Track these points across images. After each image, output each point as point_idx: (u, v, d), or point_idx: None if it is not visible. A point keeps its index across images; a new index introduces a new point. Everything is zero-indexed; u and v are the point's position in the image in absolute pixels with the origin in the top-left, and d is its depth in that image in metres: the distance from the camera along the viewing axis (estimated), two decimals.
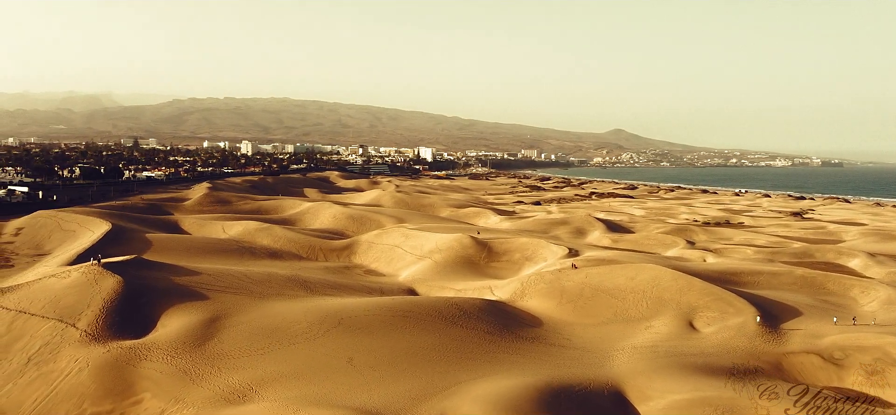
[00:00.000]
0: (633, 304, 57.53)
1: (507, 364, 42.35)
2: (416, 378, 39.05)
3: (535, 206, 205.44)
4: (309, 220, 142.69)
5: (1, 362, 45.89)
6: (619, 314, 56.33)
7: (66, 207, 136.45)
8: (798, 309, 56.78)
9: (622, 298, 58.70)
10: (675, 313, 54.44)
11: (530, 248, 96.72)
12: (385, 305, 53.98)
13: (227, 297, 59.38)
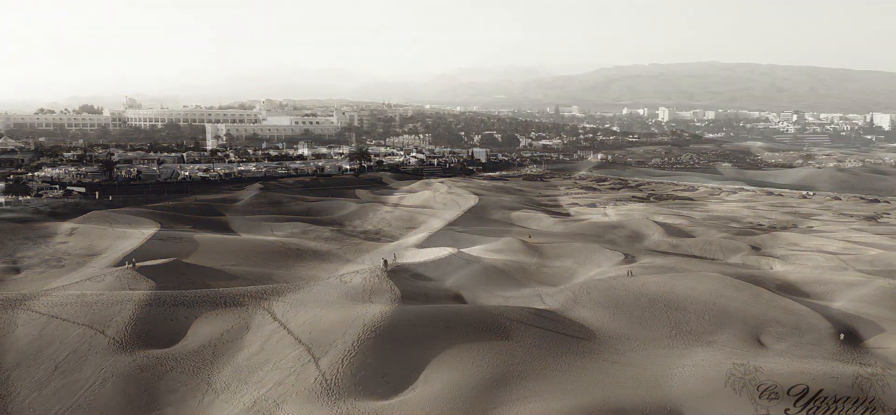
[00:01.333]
0: (694, 316, 48.56)
1: (557, 382, 35.73)
2: (458, 398, 33.50)
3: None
4: (712, 203, 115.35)
5: (30, 368, 39.68)
6: (678, 328, 46.84)
7: (455, 176, 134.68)
8: (880, 325, 46.46)
9: (682, 310, 49.45)
10: (741, 327, 46.98)
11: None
12: (426, 315, 43.01)
13: (541, 335, 40.93)
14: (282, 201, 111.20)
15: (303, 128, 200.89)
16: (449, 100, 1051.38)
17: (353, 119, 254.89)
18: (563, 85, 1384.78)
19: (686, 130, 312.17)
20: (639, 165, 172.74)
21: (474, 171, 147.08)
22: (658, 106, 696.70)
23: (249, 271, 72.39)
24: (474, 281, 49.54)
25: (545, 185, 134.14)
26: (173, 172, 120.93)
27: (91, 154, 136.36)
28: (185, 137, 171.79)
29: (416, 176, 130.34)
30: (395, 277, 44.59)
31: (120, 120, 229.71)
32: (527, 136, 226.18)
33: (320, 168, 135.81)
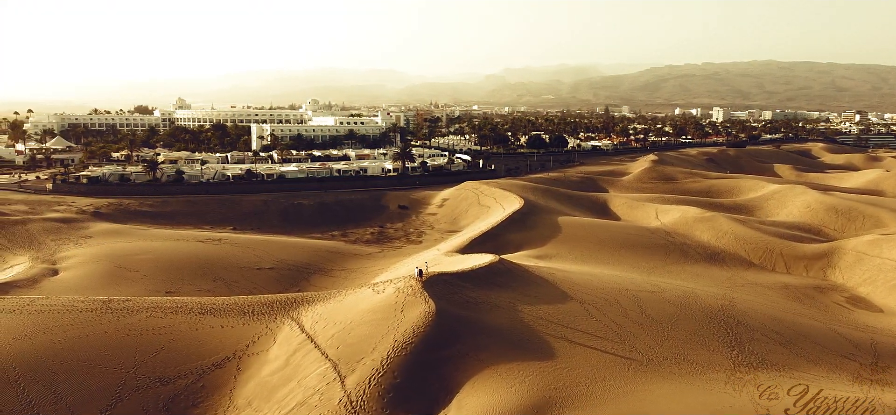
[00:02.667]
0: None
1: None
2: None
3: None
4: (771, 209, 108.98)
5: (269, 400, 35.21)
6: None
7: (499, 178, 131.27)
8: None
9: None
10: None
11: None
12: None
13: (588, 356, 37.17)
14: (328, 203, 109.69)
15: (347, 128, 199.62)
16: (497, 100, 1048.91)
17: (398, 119, 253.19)
18: (614, 85, 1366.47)
19: (742, 131, 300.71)
20: (692, 166, 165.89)
21: (519, 172, 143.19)
22: (712, 106, 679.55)
23: (287, 272, 70.87)
24: (516, 292, 46.17)
25: (595, 186, 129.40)
26: (216, 173, 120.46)
27: (137, 154, 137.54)
28: (230, 137, 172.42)
29: (459, 178, 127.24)
30: (430, 287, 41.52)
31: (169, 120, 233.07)
32: (575, 136, 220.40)
33: (363, 169, 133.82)
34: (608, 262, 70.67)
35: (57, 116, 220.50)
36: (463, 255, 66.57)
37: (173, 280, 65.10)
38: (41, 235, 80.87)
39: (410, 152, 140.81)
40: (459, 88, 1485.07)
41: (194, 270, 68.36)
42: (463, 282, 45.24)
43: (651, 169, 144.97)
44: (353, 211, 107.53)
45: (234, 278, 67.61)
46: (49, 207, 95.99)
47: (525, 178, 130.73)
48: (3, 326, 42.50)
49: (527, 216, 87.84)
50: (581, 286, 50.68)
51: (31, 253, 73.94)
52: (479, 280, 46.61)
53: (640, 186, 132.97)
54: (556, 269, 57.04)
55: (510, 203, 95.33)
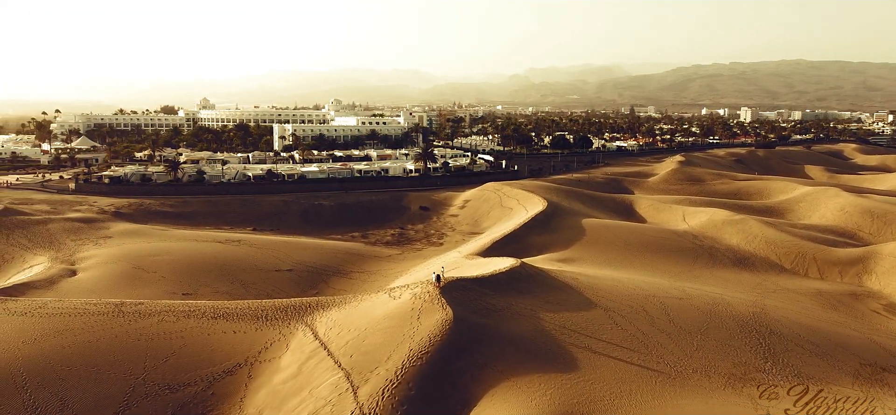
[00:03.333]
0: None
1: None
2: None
3: None
4: (803, 211, 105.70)
5: (280, 410, 33.94)
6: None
7: (522, 179, 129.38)
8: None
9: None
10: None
11: None
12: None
13: (612, 368, 35.39)
14: (349, 204, 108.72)
15: (369, 128, 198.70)
16: (521, 100, 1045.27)
17: (421, 119, 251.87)
18: (639, 85, 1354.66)
19: (771, 131, 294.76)
20: (720, 167, 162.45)
21: (543, 173, 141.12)
22: (740, 106, 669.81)
23: (303, 274, 69.80)
24: (538, 298, 44.44)
25: (620, 188, 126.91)
26: (237, 173, 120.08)
27: (159, 154, 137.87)
28: (253, 137, 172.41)
29: (482, 178, 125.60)
30: (448, 294, 39.97)
31: (193, 120, 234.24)
32: (600, 137, 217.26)
33: (385, 169, 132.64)
34: (634, 266, 68.63)
35: (83, 116, 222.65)
36: (484, 258, 65.02)
37: (191, 282, 64.37)
38: (61, 235, 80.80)
39: (432, 153, 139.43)
40: (483, 89, 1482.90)
41: (212, 272, 67.60)
42: (482, 288, 43.62)
43: (678, 170, 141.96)
44: (373, 212, 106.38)
45: (251, 280, 66.71)
46: (71, 207, 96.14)
47: (549, 179, 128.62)
48: (14, 329, 41.81)
49: (550, 218, 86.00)
50: (606, 292, 48.79)
51: (50, 253, 73.78)
52: (499, 286, 44.97)
53: (667, 188, 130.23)
54: (580, 273, 55.17)
55: (533, 205, 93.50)
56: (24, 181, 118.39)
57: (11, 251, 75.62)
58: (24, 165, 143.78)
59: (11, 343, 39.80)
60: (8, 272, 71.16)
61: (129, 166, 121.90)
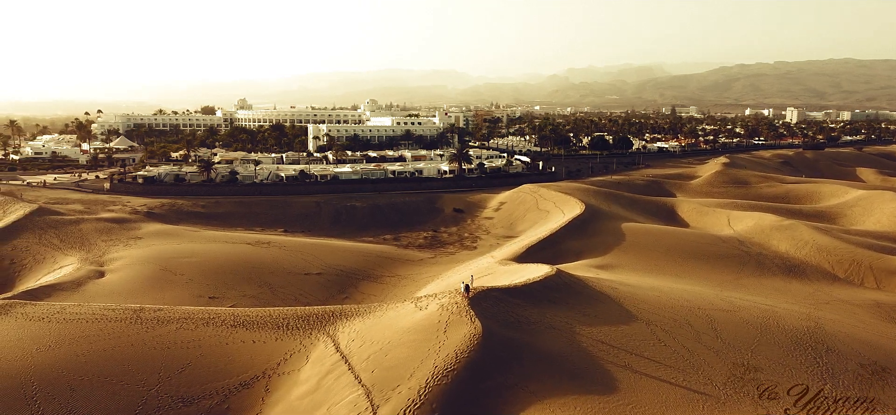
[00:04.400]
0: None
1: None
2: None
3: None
4: (857, 216, 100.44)
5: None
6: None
7: (560, 180, 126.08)
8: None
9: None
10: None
11: None
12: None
13: (655, 390, 32.49)
14: (381, 206, 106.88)
15: (404, 128, 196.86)
16: (560, 101, 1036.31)
17: (458, 119, 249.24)
18: (680, 85, 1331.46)
19: (819, 132, 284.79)
20: (766, 169, 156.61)
21: (581, 174, 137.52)
22: (785, 106, 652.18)
23: (332, 277, 67.98)
24: (575, 310, 41.60)
25: (661, 191, 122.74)
26: (270, 174, 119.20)
27: (194, 154, 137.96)
28: (288, 137, 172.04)
29: (518, 180, 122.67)
30: (477, 305, 37.42)
31: (230, 120, 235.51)
32: (640, 138, 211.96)
33: (418, 170, 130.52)
34: (676, 274, 65.23)
35: (123, 116, 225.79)
36: (518, 264, 62.34)
37: (218, 284, 63.09)
38: (93, 235, 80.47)
39: (467, 153, 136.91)
40: (521, 89, 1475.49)
41: (240, 275, 66.28)
42: (514, 298, 40.95)
43: (722, 172, 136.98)
44: (406, 214, 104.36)
45: (279, 284, 65.18)
46: (104, 207, 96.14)
47: (587, 180, 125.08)
48: (30, 335, 40.60)
49: (588, 222, 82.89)
50: (647, 304, 45.69)
51: (81, 254, 73.36)
52: (532, 296, 42.24)
53: (711, 191, 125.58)
54: (620, 283, 52.05)
55: (570, 208, 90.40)
56: (62, 181, 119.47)
57: (43, 251, 75.43)
58: (63, 164, 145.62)
59: (26, 350, 38.57)
60: (38, 273, 70.88)
61: (163, 166, 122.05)
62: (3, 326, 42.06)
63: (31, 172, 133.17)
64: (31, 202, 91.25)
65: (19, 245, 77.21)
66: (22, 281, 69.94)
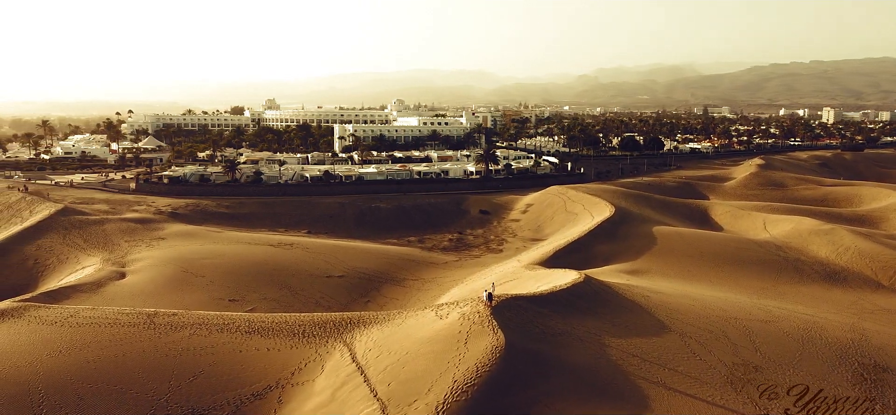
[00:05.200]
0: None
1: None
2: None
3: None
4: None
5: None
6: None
7: (589, 182, 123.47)
8: None
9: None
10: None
11: None
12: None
13: (692, 409, 30.40)
14: (406, 207, 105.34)
15: (430, 129, 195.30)
16: (589, 101, 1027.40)
17: (485, 119, 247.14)
18: (712, 84, 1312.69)
19: (858, 133, 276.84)
20: (803, 171, 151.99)
21: (610, 176, 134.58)
22: (821, 106, 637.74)
23: (355, 280, 66.56)
24: (604, 320, 39.46)
25: (694, 193, 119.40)
26: (295, 174, 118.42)
27: (219, 154, 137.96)
28: (314, 137, 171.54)
29: (546, 181, 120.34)
30: (500, 314, 35.48)
31: (258, 120, 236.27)
32: (672, 138, 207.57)
33: (444, 171, 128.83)
34: (710, 280, 62.63)
35: (152, 117, 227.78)
36: (545, 269, 60.27)
37: (238, 287, 62.08)
38: (116, 235, 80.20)
39: (494, 154, 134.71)
40: (550, 89, 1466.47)
41: (261, 277, 65.24)
42: (540, 307, 38.92)
43: (757, 174, 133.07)
44: (431, 215, 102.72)
45: (301, 286, 63.97)
46: (129, 207, 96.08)
47: (617, 182, 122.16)
48: (42, 339, 39.69)
49: (618, 225, 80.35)
50: (680, 313, 43.37)
51: (103, 254, 73.01)
52: (559, 305, 40.19)
53: (745, 193, 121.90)
54: (651, 290, 49.70)
55: (600, 210, 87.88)
56: (89, 181, 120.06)
57: (66, 251, 75.29)
58: (91, 164, 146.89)
59: (36, 355, 37.60)
60: (61, 273, 70.65)
61: (188, 166, 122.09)
62: (15, 330, 41.27)
63: (60, 171, 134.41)
64: (57, 202, 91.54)
65: (44, 245, 77.25)
66: (45, 281, 69.82)
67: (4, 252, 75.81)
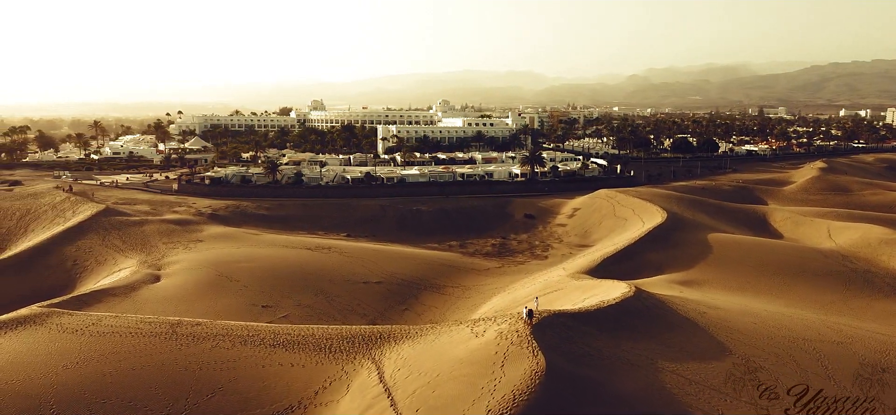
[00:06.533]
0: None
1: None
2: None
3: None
4: None
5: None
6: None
7: (639, 185, 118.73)
8: None
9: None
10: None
11: None
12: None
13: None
14: (448, 211, 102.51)
15: (475, 130, 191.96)
16: (639, 102, 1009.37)
17: (532, 120, 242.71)
18: (768, 84, 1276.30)
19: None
20: (869, 175, 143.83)
21: (662, 179, 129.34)
22: (885, 107, 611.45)
23: (393, 287, 64.05)
24: (656, 341, 35.79)
25: (751, 197, 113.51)
26: (336, 176, 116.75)
27: (262, 155, 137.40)
28: (357, 138, 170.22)
29: (594, 184, 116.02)
30: (541, 334, 32.22)
31: (302, 121, 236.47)
32: (727, 140, 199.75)
33: (488, 173, 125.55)
34: (771, 292, 58.12)
35: (200, 118, 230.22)
36: (592, 278, 56.63)
37: (273, 292, 60.19)
38: (155, 237, 79.44)
39: (540, 156, 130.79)
40: (599, 90, 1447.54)
41: (297, 282, 63.28)
42: (585, 325, 35.54)
43: (819, 178, 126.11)
44: (474, 219, 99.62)
45: (336, 292, 61.75)
46: (169, 208, 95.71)
47: (668, 186, 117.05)
48: (59, 349, 38.08)
49: (670, 232, 76.00)
50: (742, 333, 39.42)
51: (140, 256, 72.19)
52: (607, 322, 36.75)
53: (806, 198, 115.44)
54: (708, 305, 45.70)
55: (650, 216, 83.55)
56: (133, 181, 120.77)
57: (105, 253, 74.76)
58: (137, 164, 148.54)
59: (52, 367, 35.95)
60: (98, 275, 70.02)
61: (230, 167, 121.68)
62: (35, 338, 39.81)
63: (107, 171, 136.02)
64: (99, 203, 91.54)
65: (83, 246, 76.94)
66: (82, 283, 69.28)
67: (45, 253, 75.81)
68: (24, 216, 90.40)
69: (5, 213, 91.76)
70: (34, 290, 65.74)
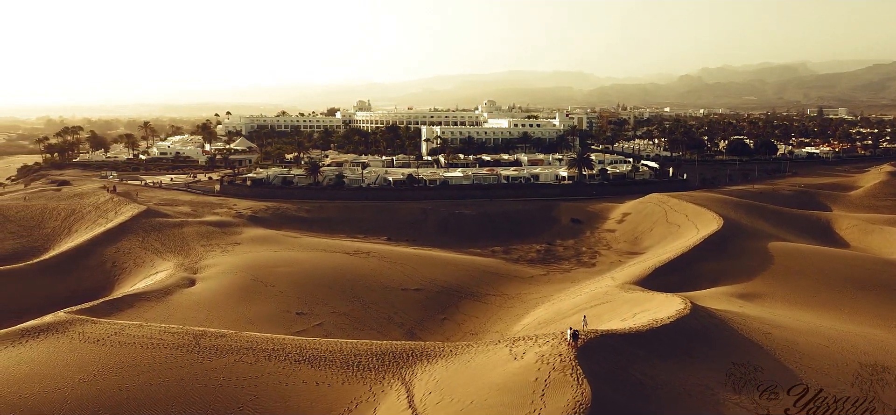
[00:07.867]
0: None
1: None
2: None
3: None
4: None
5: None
6: None
7: (692, 189, 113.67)
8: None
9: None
10: None
11: None
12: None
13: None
14: (492, 214, 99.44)
15: (521, 131, 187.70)
16: (692, 102, 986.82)
17: (580, 121, 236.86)
18: (828, 84, 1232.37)
19: None
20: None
21: (717, 183, 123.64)
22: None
23: (432, 294, 61.40)
24: (715, 367, 32.11)
25: (813, 203, 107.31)
26: (378, 178, 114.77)
27: (307, 156, 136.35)
28: (401, 139, 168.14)
29: (645, 188, 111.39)
30: (587, 358, 28.99)
31: (347, 122, 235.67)
32: (786, 141, 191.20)
33: (534, 176, 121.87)
34: (841, 308, 53.37)
35: (247, 118, 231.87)
36: (642, 290, 52.93)
37: (308, 298, 58.27)
38: (193, 239, 78.62)
39: (588, 158, 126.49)
40: (650, 90, 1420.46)
41: (333, 288, 61.29)
42: (636, 348, 32.16)
43: (888, 182, 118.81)
44: (519, 223, 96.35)
45: (374, 300, 59.51)
46: (210, 210, 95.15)
47: (724, 190, 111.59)
48: (79, 360, 36.64)
49: (726, 240, 71.34)
50: (812, 358, 35.50)
51: (177, 258, 71.36)
52: (660, 345, 33.30)
53: (874, 204, 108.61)
54: (772, 323, 41.65)
55: (705, 222, 78.95)
56: (177, 182, 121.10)
57: (143, 255, 74.21)
58: (182, 165, 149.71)
59: (68, 379, 34.45)
60: (135, 277, 69.38)
61: (272, 168, 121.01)
62: (55, 348, 38.43)
63: (153, 172, 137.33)
64: (141, 204, 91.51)
65: (123, 247, 76.63)
66: (119, 285, 68.76)
67: (85, 254, 75.77)
68: (69, 216, 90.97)
69: (51, 213, 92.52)
70: (73, 291, 65.50)
